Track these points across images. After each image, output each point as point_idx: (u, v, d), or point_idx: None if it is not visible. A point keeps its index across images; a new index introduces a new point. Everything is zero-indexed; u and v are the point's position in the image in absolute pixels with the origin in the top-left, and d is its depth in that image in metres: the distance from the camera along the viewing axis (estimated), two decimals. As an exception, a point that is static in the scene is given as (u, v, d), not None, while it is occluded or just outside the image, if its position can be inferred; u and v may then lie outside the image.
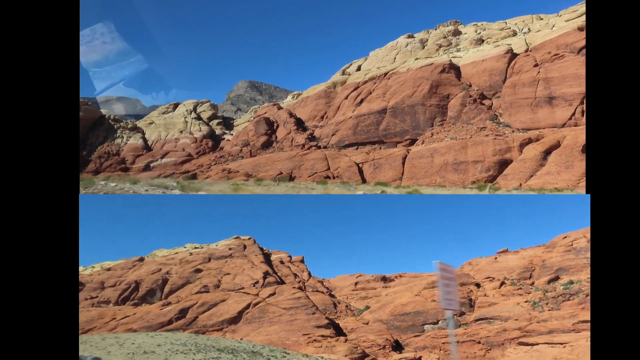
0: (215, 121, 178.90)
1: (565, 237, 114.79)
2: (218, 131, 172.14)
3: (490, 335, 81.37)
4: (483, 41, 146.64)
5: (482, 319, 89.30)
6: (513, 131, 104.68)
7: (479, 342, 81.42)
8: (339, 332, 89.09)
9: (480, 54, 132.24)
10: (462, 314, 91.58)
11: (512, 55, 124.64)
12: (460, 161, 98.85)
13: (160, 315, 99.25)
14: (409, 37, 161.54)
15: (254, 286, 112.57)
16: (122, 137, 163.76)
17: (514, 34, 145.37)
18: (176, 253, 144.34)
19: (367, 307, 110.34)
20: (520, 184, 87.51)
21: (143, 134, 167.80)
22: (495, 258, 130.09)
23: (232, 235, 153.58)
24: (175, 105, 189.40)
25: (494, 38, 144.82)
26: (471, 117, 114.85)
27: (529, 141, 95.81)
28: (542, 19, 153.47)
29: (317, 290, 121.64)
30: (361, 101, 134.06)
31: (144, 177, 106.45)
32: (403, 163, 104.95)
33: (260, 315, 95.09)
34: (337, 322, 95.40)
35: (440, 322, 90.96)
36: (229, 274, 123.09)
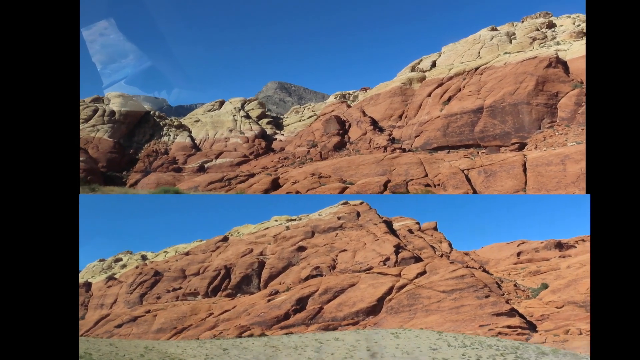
0: (265, 120, 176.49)
1: None
2: (269, 130, 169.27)
3: None
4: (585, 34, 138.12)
5: None
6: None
7: None
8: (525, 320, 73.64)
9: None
10: None
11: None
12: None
13: (273, 307, 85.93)
14: (493, 29, 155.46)
15: (384, 264, 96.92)
16: (169, 135, 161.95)
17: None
18: (267, 228, 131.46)
19: (545, 286, 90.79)
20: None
21: (189, 132, 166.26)
22: None
23: (338, 201, 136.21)
24: (221, 103, 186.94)
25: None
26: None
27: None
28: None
29: (466, 266, 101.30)
30: (449, 99, 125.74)
31: (206, 180, 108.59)
32: (524, 170, 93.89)
33: (410, 303, 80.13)
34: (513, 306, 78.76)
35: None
36: (345, 250, 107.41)
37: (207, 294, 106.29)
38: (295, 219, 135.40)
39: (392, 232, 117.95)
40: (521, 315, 73.31)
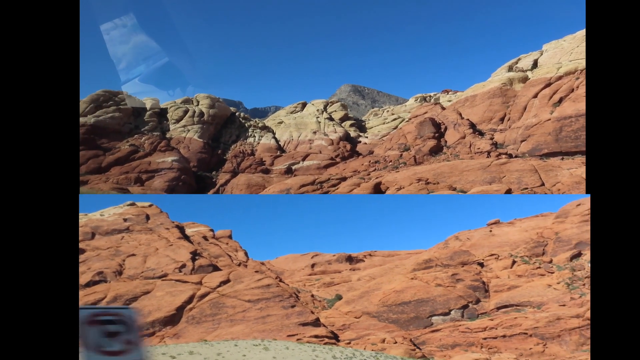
0: (348, 122, 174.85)
1: (579, 205, 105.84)
2: (352, 133, 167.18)
3: (539, 326, 73.51)
4: None
5: (506, 306, 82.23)
6: None
7: (531, 336, 73.86)
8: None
9: None
10: (477, 301, 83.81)
11: None
12: None
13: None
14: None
15: (179, 271, 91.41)
16: (254, 136, 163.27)
17: None
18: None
19: (339, 297, 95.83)
20: None
21: (273, 133, 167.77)
22: (490, 230, 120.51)
23: (124, 201, 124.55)
24: (304, 105, 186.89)
25: None
26: None
27: None
28: None
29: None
30: (560, 100, 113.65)
31: (297, 183, 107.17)
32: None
33: (214, 312, 77.97)
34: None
35: (453, 312, 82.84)
36: (133, 254, 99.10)
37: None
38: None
39: (186, 237, 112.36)
40: (324, 325, 76.88)
